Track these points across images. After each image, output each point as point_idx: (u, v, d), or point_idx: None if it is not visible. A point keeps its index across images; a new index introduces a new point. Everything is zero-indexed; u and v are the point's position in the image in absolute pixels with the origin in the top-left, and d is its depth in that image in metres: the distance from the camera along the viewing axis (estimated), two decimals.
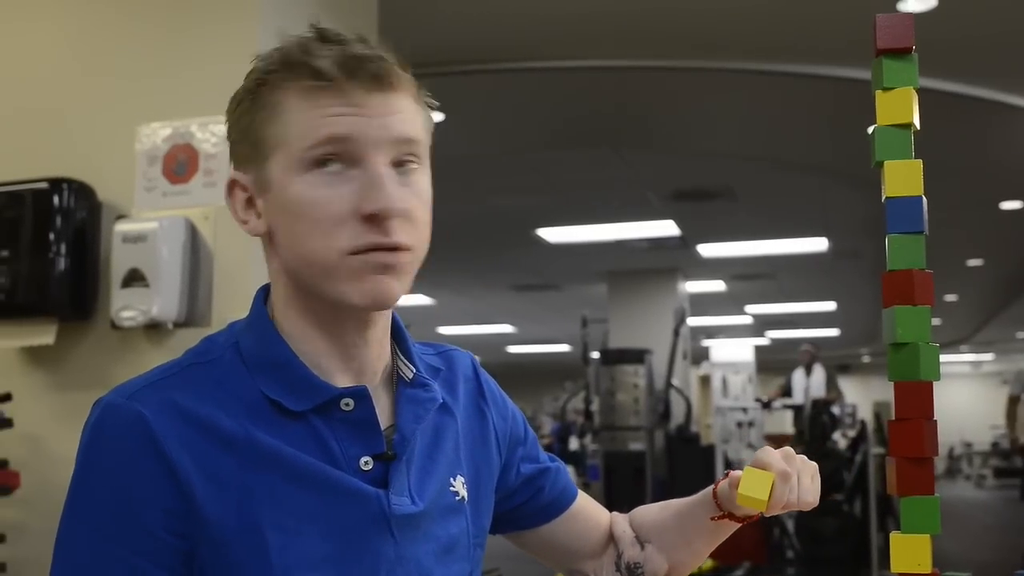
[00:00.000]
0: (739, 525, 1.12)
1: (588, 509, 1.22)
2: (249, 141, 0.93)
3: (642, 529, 1.20)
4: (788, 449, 1.05)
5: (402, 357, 1.02)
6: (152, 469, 0.86)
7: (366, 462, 0.93)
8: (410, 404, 0.99)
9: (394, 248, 0.90)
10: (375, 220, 0.89)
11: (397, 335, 1.03)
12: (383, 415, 0.97)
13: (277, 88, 0.91)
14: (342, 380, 0.96)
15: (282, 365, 0.93)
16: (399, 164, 0.92)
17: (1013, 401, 8.91)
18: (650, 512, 1.21)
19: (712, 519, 1.12)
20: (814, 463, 1.06)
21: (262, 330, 0.96)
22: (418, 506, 0.96)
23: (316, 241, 0.89)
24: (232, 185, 0.96)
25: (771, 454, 1.04)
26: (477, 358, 1.18)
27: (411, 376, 1.01)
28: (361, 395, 0.94)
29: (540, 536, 1.19)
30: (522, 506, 1.16)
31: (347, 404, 0.94)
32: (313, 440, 0.92)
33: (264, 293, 0.99)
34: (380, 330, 0.98)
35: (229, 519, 0.87)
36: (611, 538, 1.21)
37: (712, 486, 1.12)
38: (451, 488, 1.02)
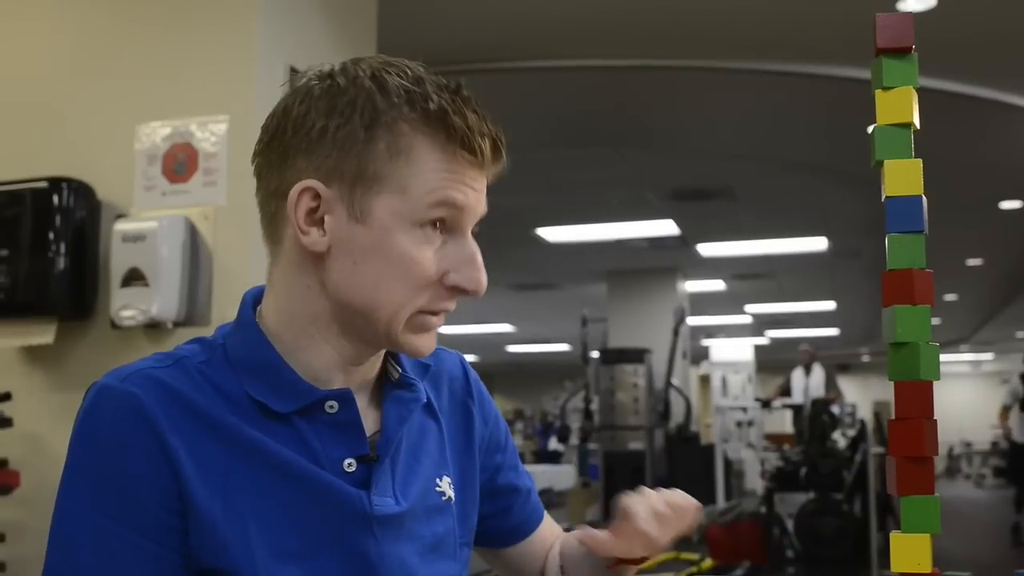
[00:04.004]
0: (640, 563, 1.09)
1: (545, 532, 1.22)
2: (356, 162, 0.90)
3: (564, 558, 1.20)
4: (653, 499, 1.03)
5: (390, 359, 1.03)
6: (147, 447, 0.88)
7: (349, 464, 0.94)
8: (395, 405, 1.00)
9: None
10: (457, 292, 0.94)
11: None
12: (370, 416, 0.98)
13: (413, 133, 0.90)
14: (336, 385, 0.96)
15: (268, 368, 0.94)
16: None
17: (1005, 409, 9.58)
18: (571, 543, 1.20)
19: (608, 568, 1.10)
20: (686, 503, 1.05)
21: (249, 333, 0.96)
22: (402, 506, 0.96)
23: (399, 293, 0.91)
24: (303, 192, 0.91)
25: (637, 507, 1.01)
26: (467, 359, 1.18)
27: (397, 376, 1.02)
28: (345, 398, 0.95)
29: (498, 556, 1.21)
30: (485, 520, 1.14)
31: (331, 406, 0.94)
32: (296, 441, 0.93)
33: (252, 298, 1.00)
34: None
35: (215, 503, 0.88)
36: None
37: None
38: (437, 488, 1.02)
